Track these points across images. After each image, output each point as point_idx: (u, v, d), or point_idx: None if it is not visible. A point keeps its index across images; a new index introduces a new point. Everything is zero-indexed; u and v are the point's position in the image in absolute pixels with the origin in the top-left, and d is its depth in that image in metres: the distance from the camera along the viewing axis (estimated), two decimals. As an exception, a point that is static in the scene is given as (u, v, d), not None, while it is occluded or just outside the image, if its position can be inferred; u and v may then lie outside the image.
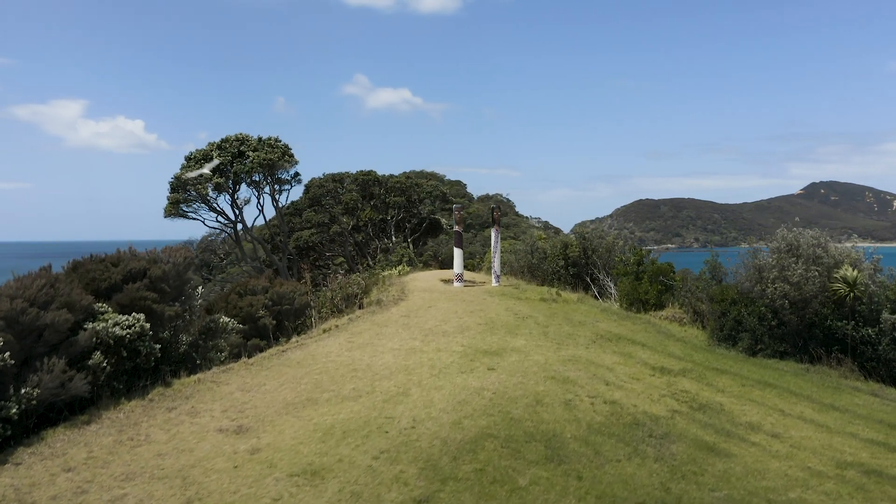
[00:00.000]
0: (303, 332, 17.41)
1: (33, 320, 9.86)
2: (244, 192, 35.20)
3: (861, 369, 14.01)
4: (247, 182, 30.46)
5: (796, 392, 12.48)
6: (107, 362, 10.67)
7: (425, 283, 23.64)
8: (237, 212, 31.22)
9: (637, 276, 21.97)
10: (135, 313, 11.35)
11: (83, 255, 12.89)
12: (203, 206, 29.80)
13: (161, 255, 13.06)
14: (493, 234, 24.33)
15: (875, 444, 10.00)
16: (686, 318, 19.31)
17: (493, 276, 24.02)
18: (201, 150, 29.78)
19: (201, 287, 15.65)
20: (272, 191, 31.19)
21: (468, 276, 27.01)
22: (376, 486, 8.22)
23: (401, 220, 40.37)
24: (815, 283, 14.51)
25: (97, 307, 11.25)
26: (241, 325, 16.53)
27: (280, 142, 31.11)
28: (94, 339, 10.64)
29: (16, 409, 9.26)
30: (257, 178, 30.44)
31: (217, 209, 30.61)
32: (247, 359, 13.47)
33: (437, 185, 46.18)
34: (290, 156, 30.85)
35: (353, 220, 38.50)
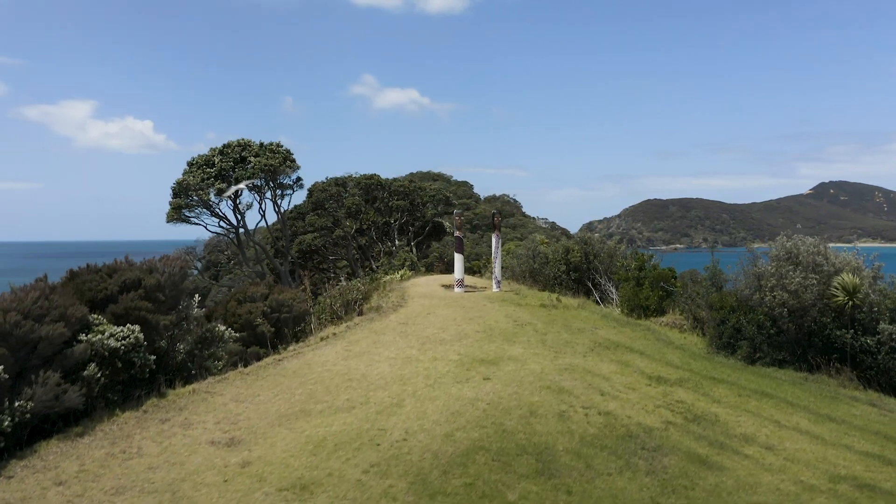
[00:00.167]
0: (301, 339, 17.45)
1: (27, 333, 9.92)
2: (246, 196, 35.41)
3: (860, 378, 13.87)
4: (249, 187, 30.62)
5: (793, 402, 12.40)
6: (101, 374, 10.75)
7: (426, 289, 23.66)
8: (239, 217, 31.40)
9: (638, 281, 21.88)
10: (129, 324, 11.41)
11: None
12: (205, 211, 29.99)
13: (157, 265, 13.11)
14: (493, 239, 24.33)
15: (870, 457, 9.91)
16: (686, 324, 19.23)
17: (493, 281, 24.01)
18: (203, 156, 29.96)
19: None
20: (274, 196, 31.36)
21: (470, 281, 27.02)
22: (365, 500, 8.22)
23: (404, 224, 40.42)
24: (814, 290, 14.41)
25: (92, 318, 11.31)
26: (240, 332, 16.60)
27: (282, 147, 31.28)
28: (90, 351, 10.70)
29: (9, 422, 9.32)
30: (259, 183, 30.61)
31: (219, 214, 30.84)
32: (243, 368, 13.53)
33: (440, 190, 46.19)
34: (292, 161, 31.01)
35: (356, 224, 38.57)
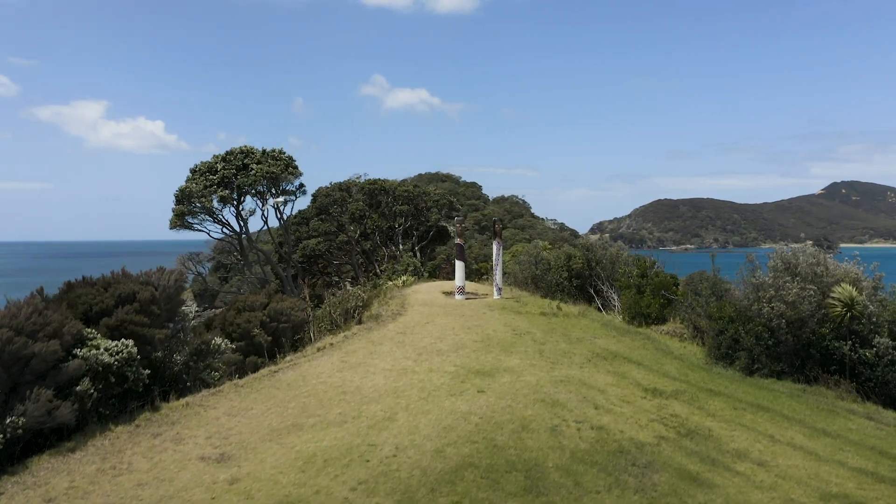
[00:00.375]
0: (300, 348, 17.48)
1: (20, 350, 9.98)
2: (249, 203, 35.61)
3: (859, 390, 13.74)
4: (251, 194, 30.78)
5: (789, 416, 12.29)
6: (94, 389, 10.80)
7: (426, 296, 23.63)
8: (242, 223, 31.54)
9: (639, 289, 21.77)
10: (123, 339, 11.45)
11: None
12: (208, 218, 30.12)
13: (153, 278, 13.17)
14: (494, 247, 24.29)
15: (863, 474, 9.80)
16: (686, 333, 19.11)
17: (494, 288, 23.97)
18: (206, 163, 30.12)
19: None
20: (276, 203, 31.45)
21: (473, 287, 26.98)
22: (350, 520, 8.21)
23: (408, 228, 40.42)
24: (812, 301, 14.29)
25: (86, 333, 11.37)
26: (238, 341, 16.66)
27: (284, 153, 31.40)
28: (83, 367, 10.75)
29: (0, 438, 9.38)
30: (261, 190, 30.72)
31: (222, 221, 30.96)
32: (238, 380, 13.55)
33: (443, 194, 46.15)
34: (294, 168, 31.12)
35: (360, 229, 38.61)
